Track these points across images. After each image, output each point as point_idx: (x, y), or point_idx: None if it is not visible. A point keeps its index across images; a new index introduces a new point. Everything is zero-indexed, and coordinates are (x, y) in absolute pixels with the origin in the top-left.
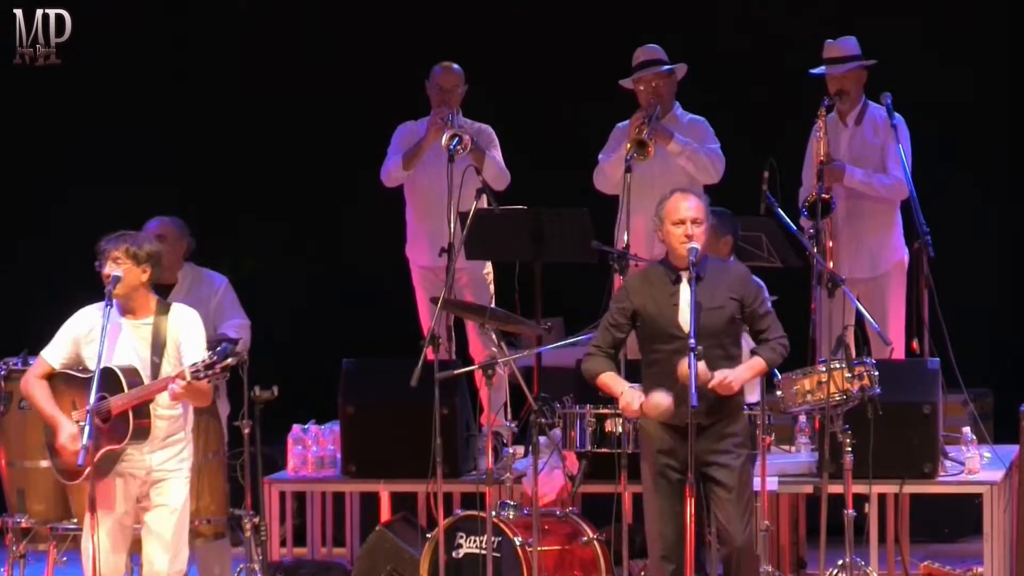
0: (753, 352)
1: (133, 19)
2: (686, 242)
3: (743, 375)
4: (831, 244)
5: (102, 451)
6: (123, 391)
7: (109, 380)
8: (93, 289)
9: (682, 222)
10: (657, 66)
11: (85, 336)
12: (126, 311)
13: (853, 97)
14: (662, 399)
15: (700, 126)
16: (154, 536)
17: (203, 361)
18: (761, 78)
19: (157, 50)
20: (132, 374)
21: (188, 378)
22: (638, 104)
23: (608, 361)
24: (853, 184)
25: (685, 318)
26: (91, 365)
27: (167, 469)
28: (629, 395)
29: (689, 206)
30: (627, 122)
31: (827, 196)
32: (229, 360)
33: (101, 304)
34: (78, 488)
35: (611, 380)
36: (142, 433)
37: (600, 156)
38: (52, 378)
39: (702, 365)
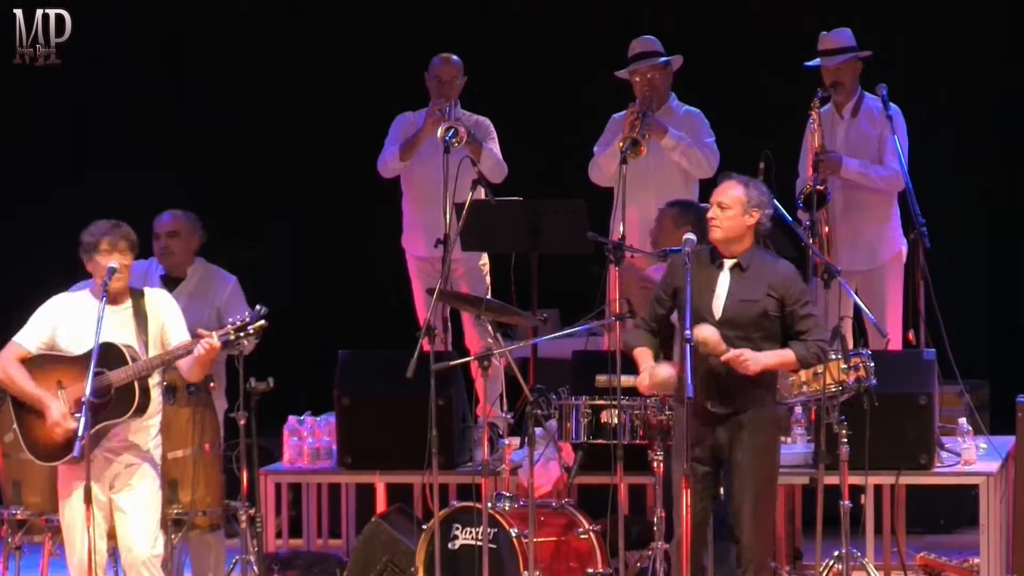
0: (788, 345)
1: (133, 19)
2: (709, 226)
3: (765, 360)
4: (827, 231)
5: (100, 425)
6: (124, 364)
7: (111, 355)
8: (79, 281)
9: (712, 204)
10: (653, 58)
11: (61, 322)
12: (108, 300)
13: (848, 89)
14: (660, 370)
15: (695, 118)
16: (132, 520)
17: (234, 325)
18: (758, 69)
19: (157, 50)
20: (132, 349)
21: (216, 342)
22: (635, 95)
23: (648, 336)
24: (850, 175)
25: (719, 304)
26: (68, 350)
27: (140, 453)
28: (643, 374)
29: (722, 191)
30: (622, 113)
31: (822, 188)
32: (262, 322)
33: (75, 294)
34: (61, 473)
35: (640, 357)
36: (143, 407)
37: (595, 148)
38: (30, 361)
39: (716, 336)
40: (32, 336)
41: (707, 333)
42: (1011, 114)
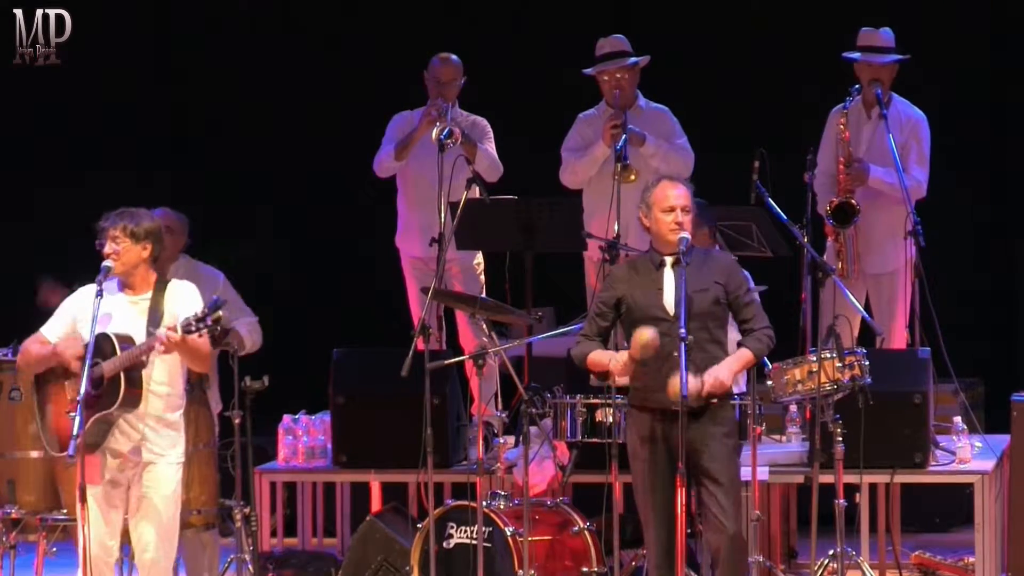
0: (740, 344)
1: (133, 19)
2: (676, 229)
3: (732, 367)
4: (856, 243)
5: (93, 417)
6: (116, 354)
7: (104, 346)
8: (86, 281)
9: (672, 209)
10: (621, 58)
11: (82, 313)
12: (125, 287)
13: (887, 89)
14: (644, 333)
15: (664, 116)
16: (145, 522)
17: (194, 315)
18: (752, 65)
19: (156, 50)
20: (127, 340)
21: (179, 332)
22: (601, 94)
23: (596, 343)
24: (876, 185)
25: (669, 299)
26: (86, 341)
27: (157, 453)
28: (618, 357)
29: (678, 194)
30: (589, 112)
31: (854, 201)
32: (219, 313)
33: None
34: (68, 477)
35: (599, 355)
36: (133, 400)
37: (563, 151)
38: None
39: (692, 381)
40: (53, 327)
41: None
42: (1007, 114)
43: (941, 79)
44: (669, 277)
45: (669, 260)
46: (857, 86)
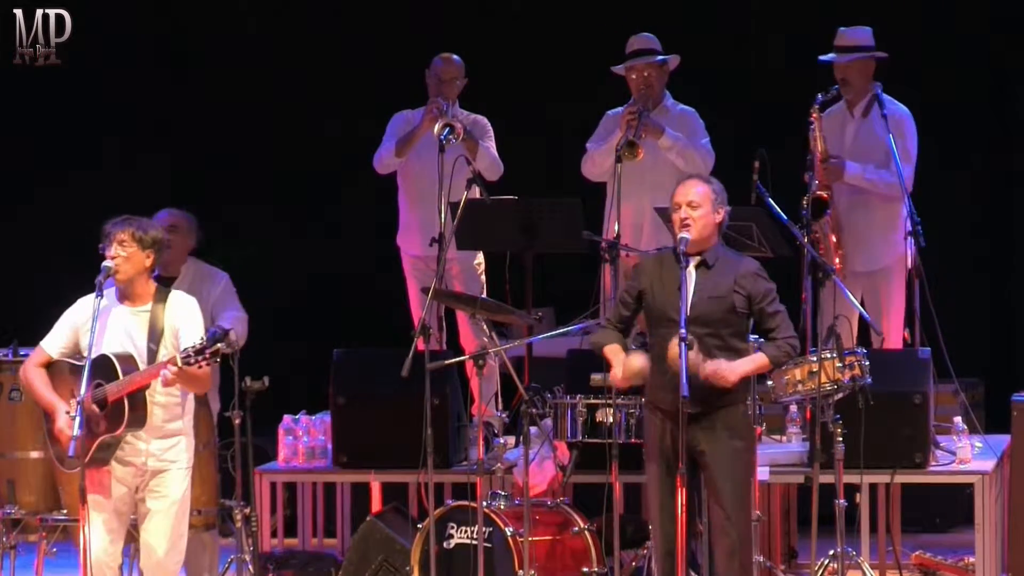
0: (759, 348)
1: (133, 19)
2: (680, 227)
3: (743, 367)
4: (834, 239)
5: (99, 439)
6: (118, 378)
7: (105, 367)
8: (86, 281)
9: (678, 207)
10: (650, 56)
11: (84, 324)
12: (125, 297)
13: (857, 88)
14: (633, 360)
15: (690, 118)
16: (153, 527)
17: (193, 347)
18: (752, 65)
19: (157, 50)
20: (127, 361)
21: (179, 364)
22: (629, 92)
23: (616, 334)
24: (853, 181)
25: (688, 303)
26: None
27: (167, 459)
28: (616, 369)
29: (686, 191)
30: (617, 110)
31: (825, 195)
32: (219, 345)
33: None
34: (70, 479)
35: (611, 353)
36: (138, 421)
37: (588, 144)
38: (51, 367)
39: (695, 354)
40: (54, 341)
41: (691, 357)
42: (1006, 114)
43: (941, 79)
44: (691, 278)
45: (693, 261)
46: (820, 96)
